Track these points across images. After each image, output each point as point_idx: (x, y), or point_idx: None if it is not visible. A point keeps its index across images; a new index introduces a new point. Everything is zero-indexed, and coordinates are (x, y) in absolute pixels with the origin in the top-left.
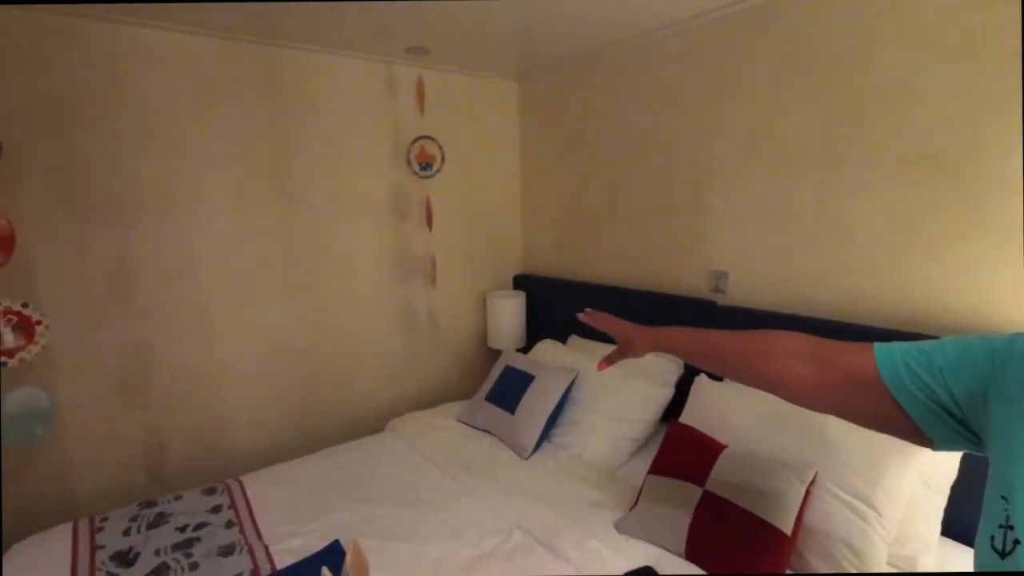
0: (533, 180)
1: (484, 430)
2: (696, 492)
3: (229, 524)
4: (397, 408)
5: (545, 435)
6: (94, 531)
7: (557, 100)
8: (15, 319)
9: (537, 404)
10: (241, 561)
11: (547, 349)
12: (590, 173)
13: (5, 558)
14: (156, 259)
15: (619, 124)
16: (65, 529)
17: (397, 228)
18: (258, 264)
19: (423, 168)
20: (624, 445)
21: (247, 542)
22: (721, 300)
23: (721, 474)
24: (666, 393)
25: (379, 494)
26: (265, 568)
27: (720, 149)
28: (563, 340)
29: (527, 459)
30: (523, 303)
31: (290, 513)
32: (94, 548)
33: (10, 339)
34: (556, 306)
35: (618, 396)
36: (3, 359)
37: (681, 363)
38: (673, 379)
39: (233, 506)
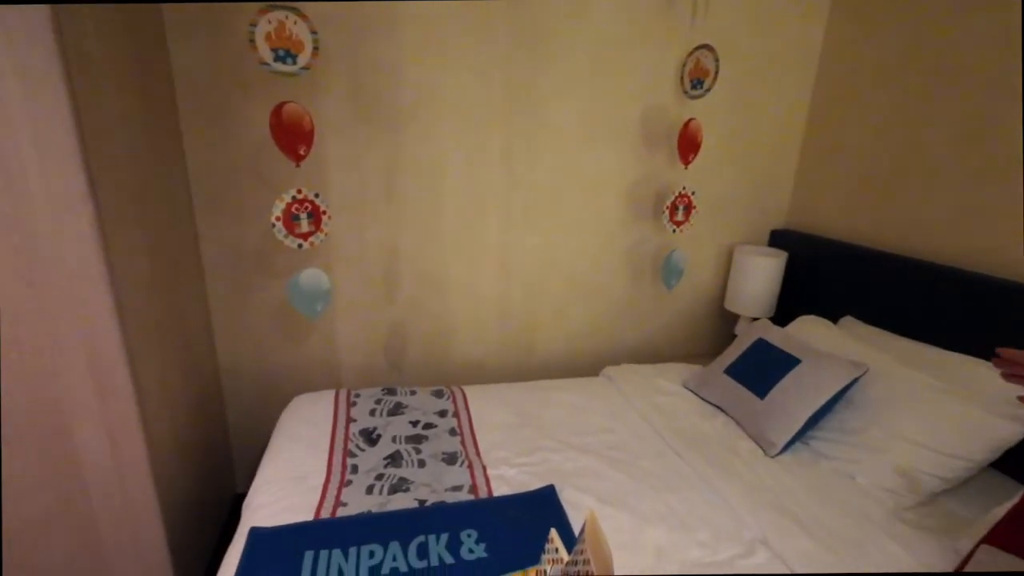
0: (830, 110)
1: (717, 406)
2: None
3: (452, 432)
4: (611, 354)
5: (800, 435)
6: (349, 404)
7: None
8: (309, 207)
9: (799, 395)
10: (462, 474)
11: (814, 328)
12: (938, 106)
13: (288, 407)
14: (416, 166)
15: (1010, 30)
16: (328, 395)
17: (645, 157)
18: (502, 183)
19: (694, 86)
20: (924, 482)
21: (467, 456)
22: None
23: None
24: (1014, 431)
25: (593, 447)
26: (482, 488)
27: None
28: (832, 319)
29: (773, 458)
30: (782, 265)
31: (505, 438)
32: (348, 420)
33: (304, 224)
34: (827, 275)
35: (927, 415)
36: (299, 241)
37: None
38: None
39: (456, 414)
